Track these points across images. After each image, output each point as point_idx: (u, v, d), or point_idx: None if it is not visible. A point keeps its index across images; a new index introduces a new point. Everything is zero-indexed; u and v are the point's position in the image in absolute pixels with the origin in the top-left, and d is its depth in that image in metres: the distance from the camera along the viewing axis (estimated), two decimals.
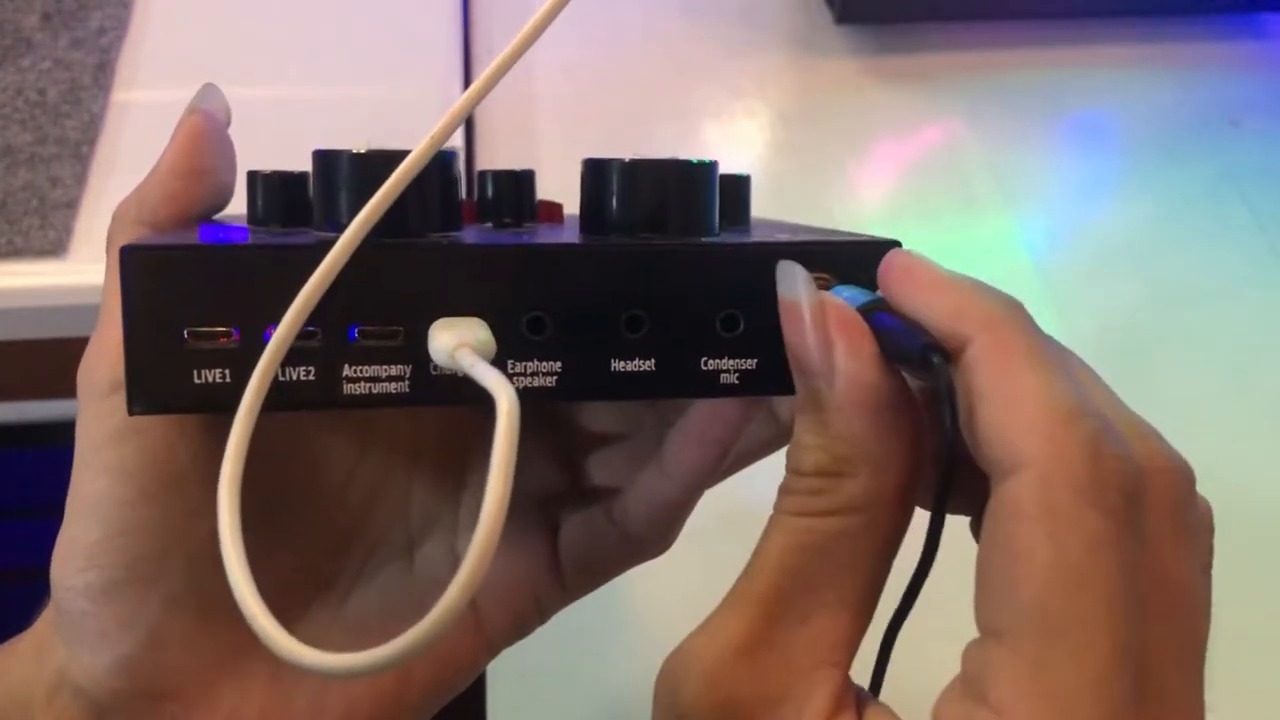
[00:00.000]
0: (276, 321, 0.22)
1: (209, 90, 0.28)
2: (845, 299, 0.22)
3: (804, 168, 0.61)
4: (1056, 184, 0.63)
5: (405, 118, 0.58)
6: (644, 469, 0.29)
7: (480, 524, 0.19)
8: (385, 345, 0.23)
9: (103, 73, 0.58)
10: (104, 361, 0.25)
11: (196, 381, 0.22)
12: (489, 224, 0.28)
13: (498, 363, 0.23)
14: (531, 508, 0.31)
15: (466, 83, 0.62)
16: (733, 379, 0.24)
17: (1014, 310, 0.20)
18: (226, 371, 0.22)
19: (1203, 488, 0.21)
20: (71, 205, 0.52)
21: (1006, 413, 0.19)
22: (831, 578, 0.21)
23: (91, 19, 0.60)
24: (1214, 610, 0.20)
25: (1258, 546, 0.50)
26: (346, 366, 0.23)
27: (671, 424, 0.29)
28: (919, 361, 0.20)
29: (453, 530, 0.31)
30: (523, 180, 0.29)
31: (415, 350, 0.23)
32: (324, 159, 0.23)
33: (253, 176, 0.27)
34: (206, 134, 0.27)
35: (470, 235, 0.24)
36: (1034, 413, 0.19)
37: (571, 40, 0.65)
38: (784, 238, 0.25)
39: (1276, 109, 0.67)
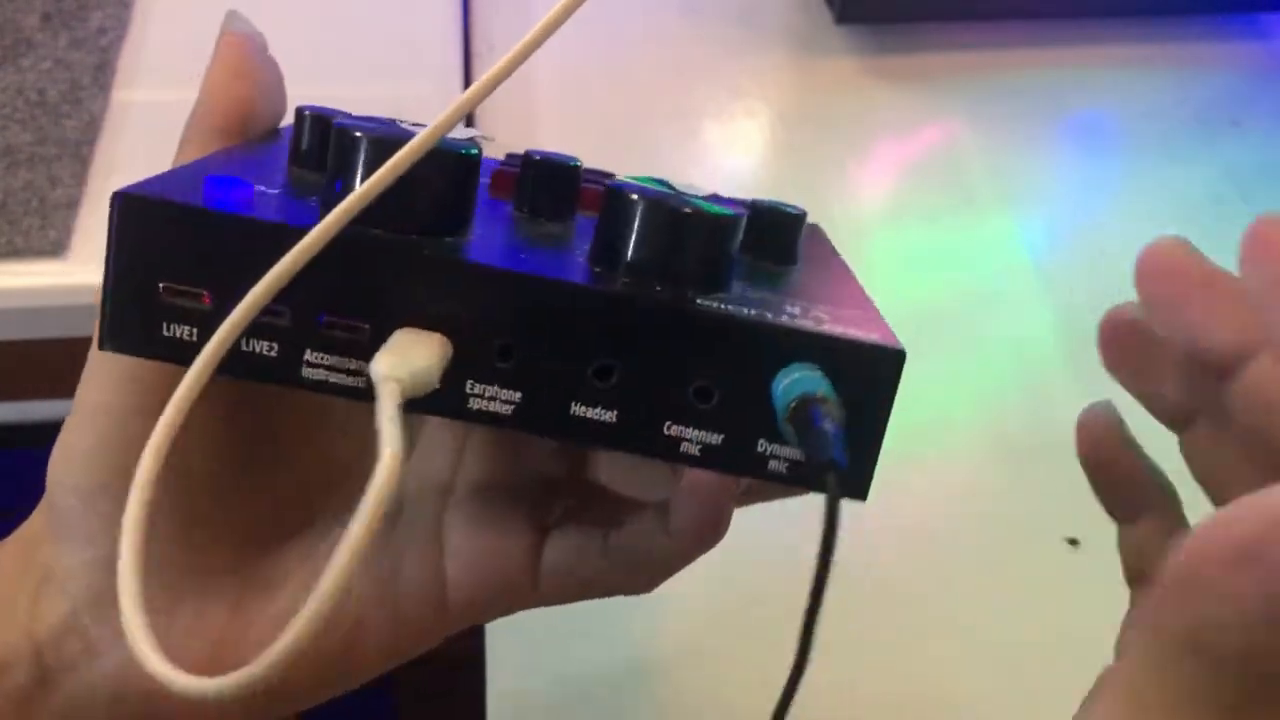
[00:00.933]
0: (245, 292, 0.21)
1: (235, 17, 0.28)
2: (789, 383, 0.21)
3: (804, 168, 0.61)
4: (1056, 184, 0.63)
5: (405, 118, 0.58)
6: (646, 518, 0.28)
7: (334, 559, 0.19)
8: (350, 338, 0.22)
9: (103, 73, 0.57)
10: None
11: (165, 333, 0.22)
12: (523, 210, 0.28)
13: (458, 377, 0.22)
14: (524, 492, 0.30)
15: (467, 82, 0.62)
16: (694, 450, 0.23)
17: None
18: (194, 330, 0.22)
19: None
20: (71, 205, 0.52)
21: None
22: None
23: (91, 19, 0.60)
24: None
25: None
26: (309, 351, 0.23)
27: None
28: (812, 475, 0.20)
29: (449, 479, 0.30)
30: (561, 174, 0.28)
31: (379, 348, 0.22)
32: (340, 132, 0.23)
33: (300, 114, 0.28)
34: (250, 48, 0.27)
35: (471, 241, 0.24)
36: None
37: (571, 40, 0.65)
38: (785, 317, 0.23)
39: (1276, 109, 0.67)
